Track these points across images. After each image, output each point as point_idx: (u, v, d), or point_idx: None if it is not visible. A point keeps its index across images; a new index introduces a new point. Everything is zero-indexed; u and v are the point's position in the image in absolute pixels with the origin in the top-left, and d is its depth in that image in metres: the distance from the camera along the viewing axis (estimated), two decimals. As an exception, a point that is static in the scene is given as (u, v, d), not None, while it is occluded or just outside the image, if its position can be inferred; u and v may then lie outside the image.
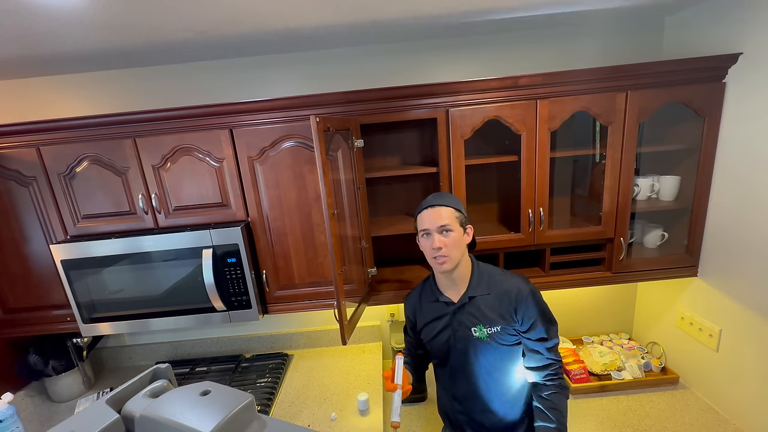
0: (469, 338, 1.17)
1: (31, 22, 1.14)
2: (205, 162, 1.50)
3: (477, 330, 1.16)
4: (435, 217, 1.14)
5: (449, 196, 1.23)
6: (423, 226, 1.17)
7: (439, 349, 1.25)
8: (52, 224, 1.55)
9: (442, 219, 1.13)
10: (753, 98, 1.36)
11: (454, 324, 1.20)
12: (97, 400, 0.97)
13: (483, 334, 1.15)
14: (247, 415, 0.51)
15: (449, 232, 1.13)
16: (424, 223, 1.17)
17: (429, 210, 1.16)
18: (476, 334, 1.16)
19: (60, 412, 1.76)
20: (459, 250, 1.16)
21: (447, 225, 1.13)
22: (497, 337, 1.16)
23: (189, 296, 1.54)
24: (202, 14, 1.21)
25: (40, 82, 1.76)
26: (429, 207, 1.17)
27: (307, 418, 1.57)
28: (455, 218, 1.15)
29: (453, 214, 1.15)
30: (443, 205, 1.16)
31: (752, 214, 1.39)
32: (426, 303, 1.28)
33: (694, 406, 1.63)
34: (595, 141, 1.57)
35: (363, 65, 1.75)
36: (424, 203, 1.21)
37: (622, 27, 1.72)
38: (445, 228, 1.13)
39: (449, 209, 1.15)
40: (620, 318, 2.08)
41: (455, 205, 1.18)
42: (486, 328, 1.16)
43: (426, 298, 1.29)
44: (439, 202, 1.17)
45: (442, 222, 1.13)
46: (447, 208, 1.15)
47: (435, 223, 1.14)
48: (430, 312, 1.26)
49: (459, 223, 1.16)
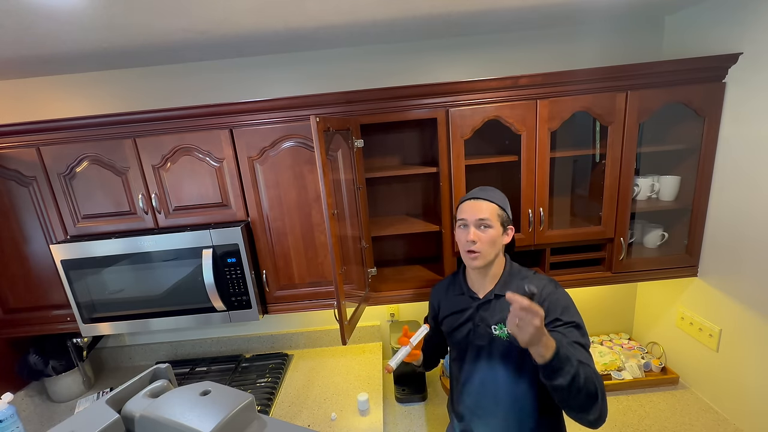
0: (489, 336, 1.15)
1: (31, 22, 1.14)
2: (205, 162, 1.50)
3: (497, 328, 1.13)
4: (476, 209, 1.11)
5: (496, 192, 1.17)
6: (462, 216, 1.14)
7: (458, 343, 1.23)
8: (52, 224, 1.55)
9: (482, 212, 1.09)
10: (753, 98, 1.36)
11: (476, 319, 1.18)
12: (97, 400, 0.97)
13: (503, 333, 1.12)
14: (247, 415, 0.51)
15: (487, 228, 1.09)
16: (463, 213, 1.13)
17: (471, 201, 1.13)
18: (496, 332, 1.13)
19: (60, 412, 1.76)
20: (494, 249, 1.12)
21: (486, 220, 1.09)
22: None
23: (189, 296, 1.54)
24: (202, 14, 1.21)
25: (40, 82, 1.76)
26: (472, 198, 1.13)
27: (307, 418, 1.57)
28: (496, 215, 1.11)
29: (495, 210, 1.11)
30: (487, 200, 1.12)
31: (752, 213, 1.39)
32: (452, 294, 1.27)
33: (694, 406, 1.63)
34: (595, 141, 1.57)
35: (363, 65, 1.75)
36: (469, 194, 1.17)
37: (622, 27, 1.72)
38: (483, 222, 1.09)
39: (492, 205, 1.11)
40: (620, 318, 2.08)
41: (500, 202, 1.14)
42: (506, 327, 1.14)
43: (453, 290, 1.27)
44: (484, 195, 1.13)
45: (481, 215, 1.09)
46: (490, 204, 1.11)
47: (474, 215, 1.10)
48: (454, 304, 1.24)
49: (500, 221, 1.11)
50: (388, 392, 1.83)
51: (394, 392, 1.80)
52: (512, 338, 1.11)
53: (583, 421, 0.96)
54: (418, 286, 1.65)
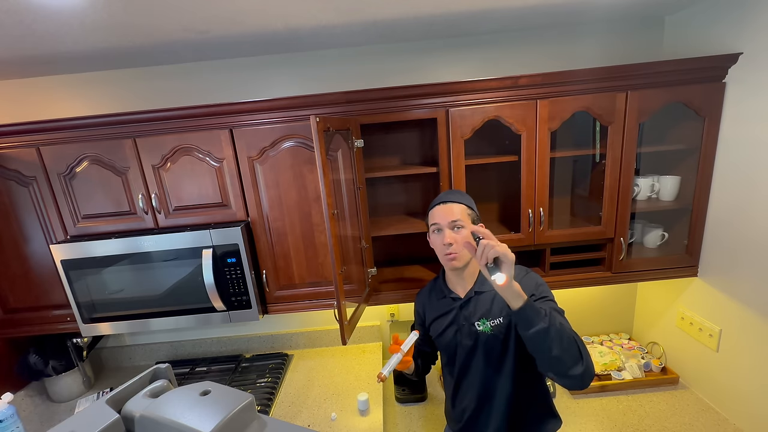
0: (474, 333, 1.17)
1: (31, 22, 1.14)
2: (205, 162, 1.50)
3: (480, 324, 1.16)
4: (447, 212, 1.15)
5: (462, 194, 1.22)
6: (434, 221, 1.17)
7: (447, 346, 1.24)
8: (52, 224, 1.55)
9: (453, 215, 1.14)
10: (753, 98, 1.36)
11: (459, 319, 1.20)
12: (97, 400, 0.97)
13: (486, 327, 1.15)
14: (247, 415, 0.51)
15: (460, 229, 1.13)
16: (435, 218, 1.17)
17: (441, 206, 1.17)
18: (480, 327, 1.16)
19: (60, 412, 1.76)
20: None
21: (458, 221, 1.13)
22: (499, 329, 1.14)
23: (189, 296, 1.54)
24: (203, 14, 1.21)
25: (40, 82, 1.76)
26: (441, 203, 1.17)
27: (307, 418, 1.57)
28: (467, 215, 1.15)
29: (465, 211, 1.15)
30: (455, 202, 1.16)
31: (752, 213, 1.39)
32: (435, 299, 1.29)
33: (694, 406, 1.63)
34: (595, 141, 1.57)
35: (363, 65, 1.75)
36: (436, 199, 1.21)
37: (622, 27, 1.72)
38: (456, 224, 1.13)
39: (461, 206, 1.16)
40: (620, 318, 2.08)
41: (467, 202, 1.18)
42: (489, 321, 1.15)
43: (435, 295, 1.29)
44: (452, 198, 1.18)
45: (453, 218, 1.13)
46: (459, 205, 1.16)
47: (446, 218, 1.14)
48: (438, 308, 1.27)
49: (471, 220, 1.16)
50: (388, 392, 1.83)
51: (393, 392, 1.80)
52: (496, 331, 1.14)
53: (574, 380, 0.96)
54: (418, 286, 1.64)
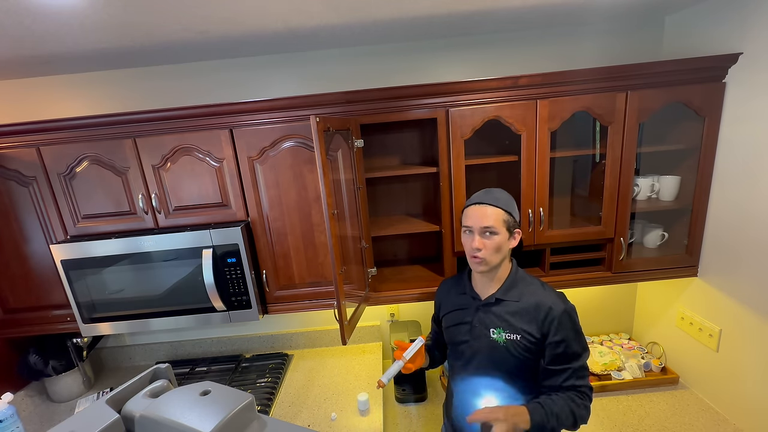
0: (486, 339, 1.14)
1: (31, 22, 1.14)
2: (205, 162, 1.50)
3: (495, 332, 1.12)
4: (481, 216, 1.08)
5: (501, 195, 1.12)
6: (466, 223, 1.11)
7: (455, 341, 1.23)
8: (52, 224, 1.55)
9: (487, 220, 1.07)
10: (753, 98, 1.35)
11: (474, 320, 1.17)
12: (97, 400, 0.97)
13: (501, 338, 1.11)
14: (247, 415, 0.51)
15: (493, 235, 1.07)
16: (468, 219, 1.11)
17: (476, 207, 1.10)
18: (494, 336, 1.13)
19: (60, 412, 1.76)
20: (499, 254, 1.10)
21: (491, 227, 1.06)
22: (514, 346, 1.10)
23: (189, 296, 1.54)
24: (202, 14, 1.21)
25: (40, 82, 1.76)
26: (477, 203, 1.10)
27: (307, 418, 1.57)
28: (502, 221, 1.08)
29: (501, 216, 1.08)
30: (492, 205, 1.08)
31: (752, 214, 1.39)
32: (454, 293, 1.27)
33: (694, 406, 1.63)
34: (595, 141, 1.57)
35: (363, 65, 1.75)
36: (473, 198, 1.13)
37: (622, 27, 1.72)
38: (488, 230, 1.07)
39: (498, 210, 1.08)
40: (620, 318, 2.08)
41: (505, 206, 1.10)
42: (505, 333, 1.11)
43: (456, 289, 1.27)
44: (489, 200, 1.10)
45: (486, 223, 1.07)
46: (495, 209, 1.08)
47: (479, 222, 1.07)
48: (455, 301, 1.25)
49: (506, 226, 1.08)
50: (388, 392, 1.83)
51: (393, 392, 1.80)
52: (509, 344, 1.12)
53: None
54: (418, 286, 1.65)
